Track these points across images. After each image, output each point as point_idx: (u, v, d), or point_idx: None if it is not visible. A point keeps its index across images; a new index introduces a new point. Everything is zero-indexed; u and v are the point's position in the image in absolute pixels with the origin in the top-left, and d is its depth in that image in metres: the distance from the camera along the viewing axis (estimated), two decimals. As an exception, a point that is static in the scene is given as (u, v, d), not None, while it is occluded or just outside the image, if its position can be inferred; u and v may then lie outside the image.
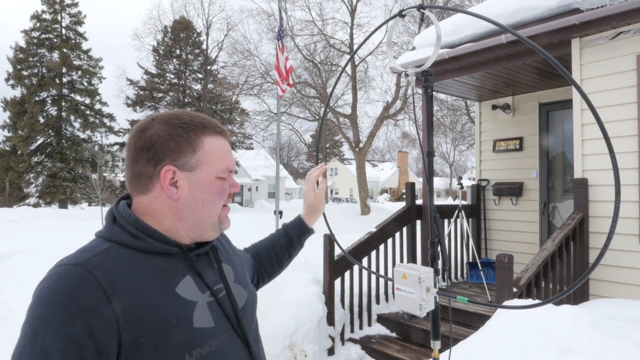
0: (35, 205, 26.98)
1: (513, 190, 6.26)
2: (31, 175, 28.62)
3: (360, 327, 4.79)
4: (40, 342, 0.79)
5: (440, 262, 1.47)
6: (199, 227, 1.00)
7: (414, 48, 6.24)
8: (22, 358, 0.79)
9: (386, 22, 1.48)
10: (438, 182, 56.70)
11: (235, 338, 1.00)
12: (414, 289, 1.33)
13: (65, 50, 29.17)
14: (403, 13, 1.37)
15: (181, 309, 0.91)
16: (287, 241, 1.47)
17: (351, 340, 4.64)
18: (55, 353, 0.78)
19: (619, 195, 1.04)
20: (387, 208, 18.57)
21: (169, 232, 0.98)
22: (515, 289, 3.33)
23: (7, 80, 28.70)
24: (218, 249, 1.12)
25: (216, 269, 1.05)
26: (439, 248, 1.47)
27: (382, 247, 5.03)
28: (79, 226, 13.92)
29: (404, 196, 5.59)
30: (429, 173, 1.43)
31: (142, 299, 0.86)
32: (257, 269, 1.43)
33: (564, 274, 4.02)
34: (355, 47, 17.20)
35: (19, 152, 27.96)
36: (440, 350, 1.52)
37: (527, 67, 5.19)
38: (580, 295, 4.16)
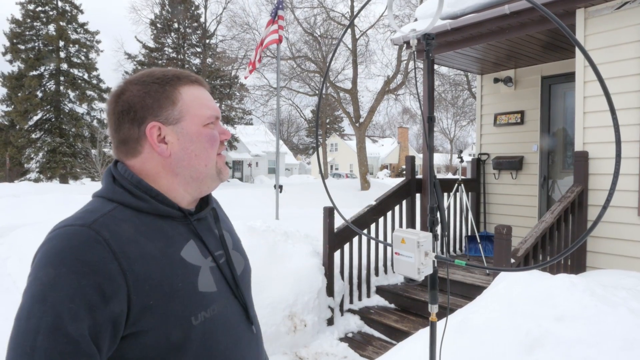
0: (36, 180, 26.99)
1: (513, 164, 6.25)
2: (31, 151, 28.53)
3: (360, 299, 4.86)
4: (51, 303, 0.76)
5: (439, 228, 1.48)
6: (196, 179, 0.99)
7: (416, 19, 6.14)
8: (31, 320, 0.76)
9: (387, -16, 1.45)
10: (438, 158, 56.66)
11: (234, 303, 1.02)
12: (412, 253, 1.34)
13: (61, 23, 28.69)
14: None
15: (187, 273, 0.91)
16: None
17: (350, 311, 4.72)
18: (67, 314, 0.76)
19: (619, 158, 1.04)
20: (387, 184, 18.57)
21: (168, 192, 0.97)
22: (513, 260, 3.36)
23: (4, 54, 28.32)
24: (218, 215, 1.12)
25: (216, 235, 1.06)
26: (438, 214, 1.47)
27: (381, 220, 5.06)
28: (79, 200, 13.96)
29: (404, 172, 5.58)
30: (429, 138, 1.43)
31: (149, 262, 0.86)
32: None
33: (562, 246, 4.05)
34: (355, 20, 16.96)
35: (17, 127, 27.82)
36: (438, 317, 1.55)
37: (530, 38, 5.11)
38: (577, 267, 4.20)
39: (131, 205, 0.92)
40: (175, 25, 30.39)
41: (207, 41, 29.59)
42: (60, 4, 29.35)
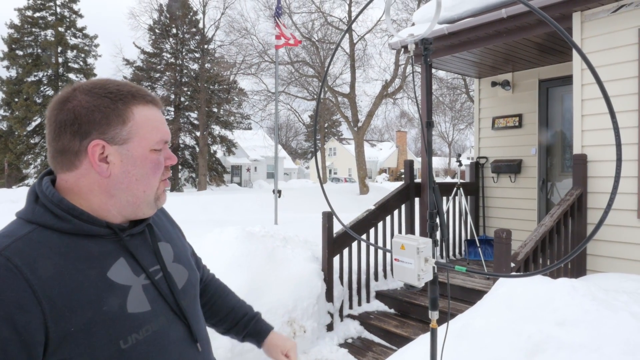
0: (34, 187, 26.94)
1: (512, 167, 6.25)
2: (29, 157, 28.52)
3: (359, 304, 4.83)
4: None
5: (439, 233, 1.47)
6: (132, 204, 0.95)
7: (413, 24, 6.15)
8: None
9: (385, -12, 1.44)
10: (436, 162, 56.69)
11: (175, 320, 0.97)
12: (412, 260, 1.33)
13: (60, 28, 28.74)
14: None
15: (113, 295, 0.87)
16: (237, 333, 1.34)
17: (350, 316, 4.69)
18: None
19: (620, 162, 1.03)
20: (385, 187, 18.58)
21: (99, 211, 0.92)
22: (513, 264, 3.35)
23: (2, 59, 28.32)
24: (155, 226, 1.07)
25: (152, 249, 1.01)
26: (437, 219, 1.46)
27: (380, 225, 5.05)
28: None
29: (403, 176, 5.58)
30: (427, 143, 1.42)
31: (70, 287, 0.81)
32: None
33: (562, 249, 4.04)
34: (353, 25, 16.98)
35: (16, 133, 27.82)
36: (439, 322, 1.53)
37: (527, 42, 5.12)
38: (577, 271, 4.19)
39: (52, 226, 0.86)
40: (174, 30, 30.43)
41: (206, 46, 29.63)
42: (59, 9, 29.40)
